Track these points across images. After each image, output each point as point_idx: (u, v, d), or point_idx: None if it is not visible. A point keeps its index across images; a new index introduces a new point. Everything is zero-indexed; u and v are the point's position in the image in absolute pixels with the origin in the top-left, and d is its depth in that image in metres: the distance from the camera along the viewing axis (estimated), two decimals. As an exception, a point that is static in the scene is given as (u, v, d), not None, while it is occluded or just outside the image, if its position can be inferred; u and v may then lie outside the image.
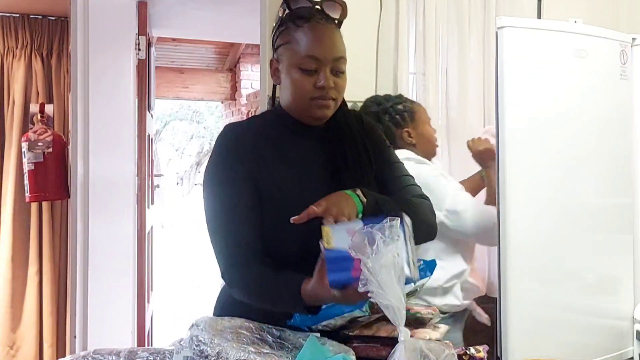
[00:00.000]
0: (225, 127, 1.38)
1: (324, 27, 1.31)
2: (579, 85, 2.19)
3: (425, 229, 1.35)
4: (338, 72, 1.32)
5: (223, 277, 1.30)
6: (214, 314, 1.36)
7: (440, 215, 1.90)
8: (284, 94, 1.36)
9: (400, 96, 2.25)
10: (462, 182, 2.24)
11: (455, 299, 2.15)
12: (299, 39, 1.30)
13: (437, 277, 1.92)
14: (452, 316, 2.13)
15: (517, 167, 2.16)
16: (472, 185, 2.28)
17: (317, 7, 1.32)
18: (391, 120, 2.16)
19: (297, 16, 1.31)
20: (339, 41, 1.33)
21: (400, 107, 2.15)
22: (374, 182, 1.38)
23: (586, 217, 2.29)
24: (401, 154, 1.70)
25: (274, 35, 1.36)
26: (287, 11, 1.33)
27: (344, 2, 1.35)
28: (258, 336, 1.16)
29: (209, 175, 1.33)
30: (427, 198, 1.41)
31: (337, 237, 1.14)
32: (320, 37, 1.30)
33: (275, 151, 1.34)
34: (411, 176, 1.46)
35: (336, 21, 1.35)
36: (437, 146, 2.24)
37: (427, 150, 2.16)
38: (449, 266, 2.10)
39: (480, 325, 2.33)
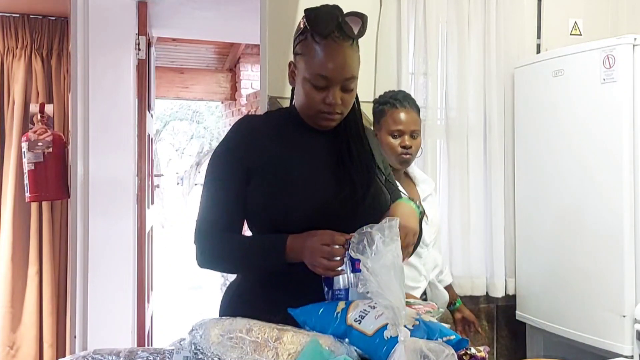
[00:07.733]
0: (242, 117, 1.48)
1: (339, 47, 1.34)
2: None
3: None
4: (347, 89, 1.37)
5: (194, 243, 1.42)
6: (220, 314, 1.40)
7: None
8: (297, 98, 1.43)
9: (400, 93, 2.15)
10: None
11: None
12: (314, 54, 1.34)
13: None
14: None
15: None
16: None
17: (339, 21, 1.33)
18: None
19: (316, 31, 1.33)
20: (352, 61, 1.36)
21: (376, 105, 2.13)
22: (380, 177, 1.46)
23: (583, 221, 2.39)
24: None
25: (295, 40, 1.41)
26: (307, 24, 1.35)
27: (365, 16, 1.37)
28: (258, 339, 1.15)
29: (212, 158, 1.45)
30: None
31: None
32: (333, 57, 1.33)
33: (285, 141, 1.42)
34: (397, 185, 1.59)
35: (353, 38, 1.35)
36: (400, 159, 2.05)
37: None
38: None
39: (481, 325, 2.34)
